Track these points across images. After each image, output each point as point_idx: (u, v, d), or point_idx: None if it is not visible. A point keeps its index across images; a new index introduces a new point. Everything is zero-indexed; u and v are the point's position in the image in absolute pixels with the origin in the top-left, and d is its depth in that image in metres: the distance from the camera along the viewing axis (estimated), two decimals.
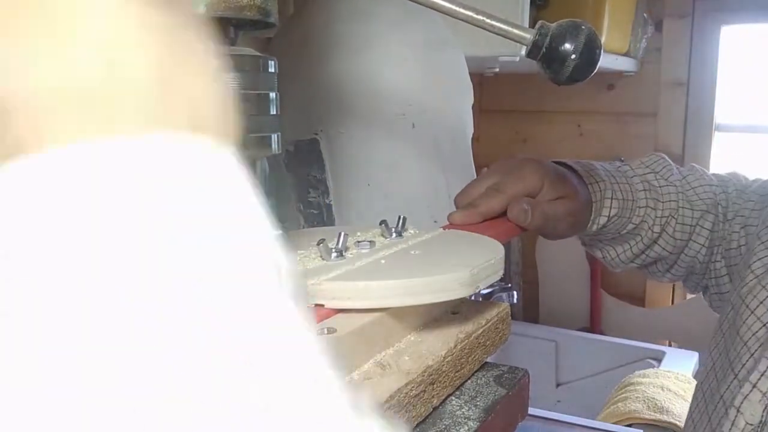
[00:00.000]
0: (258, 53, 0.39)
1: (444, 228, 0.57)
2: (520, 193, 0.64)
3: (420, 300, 0.40)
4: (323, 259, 0.44)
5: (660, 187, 0.75)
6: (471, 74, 0.77)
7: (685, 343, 1.62)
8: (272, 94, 0.39)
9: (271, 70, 0.39)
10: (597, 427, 1.12)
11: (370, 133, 0.69)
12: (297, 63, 0.70)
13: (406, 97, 0.69)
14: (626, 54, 1.61)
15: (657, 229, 0.74)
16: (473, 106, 0.78)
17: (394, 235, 0.50)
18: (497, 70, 1.13)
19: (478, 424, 0.39)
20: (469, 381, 0.44)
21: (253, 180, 0.19)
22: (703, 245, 0.75)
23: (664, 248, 0.75)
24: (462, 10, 0.46)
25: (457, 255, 0.47)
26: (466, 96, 0.77)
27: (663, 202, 0.75)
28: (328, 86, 0.69)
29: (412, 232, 0.52)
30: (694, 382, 1.32)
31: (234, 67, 0.37)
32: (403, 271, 0.41)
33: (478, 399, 0.42)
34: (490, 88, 1.91)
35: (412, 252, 0.46)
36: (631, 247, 0.75)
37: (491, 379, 0.44)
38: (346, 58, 0.69)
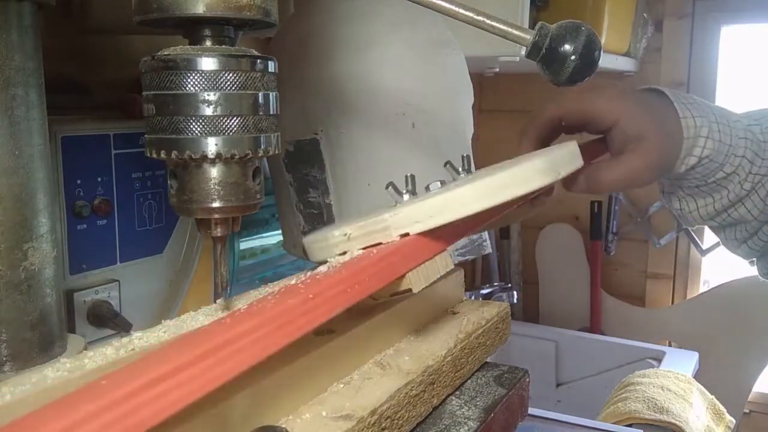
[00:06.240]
0: (258, 53, 0.39)
1: None
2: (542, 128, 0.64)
3: (502, 197, 0.39)
4: (396, 202, 0.43)
5: (764, 141, 0.67)
6: (471, 74, 0.77)
7: (685, 343, 1.62)
8: (272, 94, 0.39)
9: (271, 70, 0.39)
10: (597, 427, 1.12)
11: (370, 132, 0.69)
12: (297, 63, 0.70)
13: (406, 97, 0.69)
14: (626, 54, 1.61)
15: (747, 186, 0.66)
16: (473, 106, 0.78)
17: (462, 174, 0.51)
18: (497, 70, 1.13)
19: (478, 424, 0.39)
20: (469, 381, 0.44)
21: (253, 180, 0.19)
22: None
23: (749, 211, 0.68)
24: (462, 11, 0.46)
25: (533, 155, 0.47)
26: (466, 96, 0.77)
27: (763, 158, 0.66)
28: (328, 86, 0.69)
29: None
30: (695, 382, 1.32)
31: (234, 67, 0.37)
32: (481, 179, 0.40)
33: (478, 399, 0.42)
34: (490, 88, 1.91)
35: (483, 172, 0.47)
36: (714, 202, 0.68)
37: (491, 379, 0.44)
38: (346, 58, 0.69)
